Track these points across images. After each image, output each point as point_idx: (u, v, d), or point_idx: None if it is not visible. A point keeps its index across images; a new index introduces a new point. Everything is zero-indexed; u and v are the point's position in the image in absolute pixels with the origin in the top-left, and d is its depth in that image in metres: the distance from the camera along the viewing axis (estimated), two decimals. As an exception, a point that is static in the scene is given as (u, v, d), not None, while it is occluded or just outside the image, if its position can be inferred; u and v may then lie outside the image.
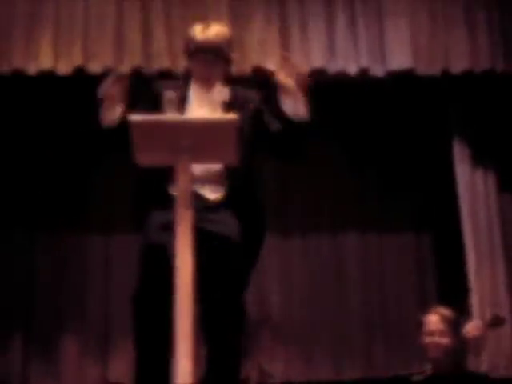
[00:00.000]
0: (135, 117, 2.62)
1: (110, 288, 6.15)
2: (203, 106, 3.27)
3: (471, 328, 4.53)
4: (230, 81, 3.37)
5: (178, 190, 2.66)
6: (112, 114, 3.11)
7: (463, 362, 4.19)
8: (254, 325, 5.90)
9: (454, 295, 5.82)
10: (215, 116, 2.98)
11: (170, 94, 2.78)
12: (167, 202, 3.01)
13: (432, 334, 4.11)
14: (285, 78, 3.17)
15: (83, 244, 6.29)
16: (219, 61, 3.30)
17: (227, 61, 3.34)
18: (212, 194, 3.18)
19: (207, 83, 3.30)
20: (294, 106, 3.18)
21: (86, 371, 6.01)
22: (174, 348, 2.50)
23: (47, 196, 6.23)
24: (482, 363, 5.25)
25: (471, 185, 5.87)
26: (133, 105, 3.12)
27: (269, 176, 6.06)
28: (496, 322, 5.24)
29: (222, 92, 3.32)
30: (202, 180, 3.14)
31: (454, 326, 4.22)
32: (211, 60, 3.27)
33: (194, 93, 3.31)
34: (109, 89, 3.09)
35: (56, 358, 6.01)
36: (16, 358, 5.94)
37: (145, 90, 3.34)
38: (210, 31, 3.27)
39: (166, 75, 5.16)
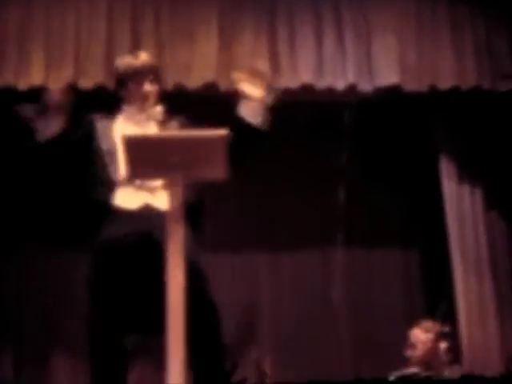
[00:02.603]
0: (128, 133, 2.65)
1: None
2: (141, 125, 3.42)
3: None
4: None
5: (168, 205, 2.69)
6: (53, 125, 3.20)
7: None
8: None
9: (442, 310, 5.86)
10: (205, 132, 3.00)
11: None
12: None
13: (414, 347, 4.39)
14: (249, 87, 3.29)
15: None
16: (157, 80, 3.53)
17: (160, 81, 3.59)
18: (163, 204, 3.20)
19: (145, 104, 3.46)
20: (253, 114, 3.29)
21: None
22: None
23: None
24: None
25: (458, 201, 5.92)
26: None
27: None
28: None
29: (157, 110, 3.46)
30: (153, 190, 3.26)
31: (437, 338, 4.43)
32: (152, 80, 3.48)
33: (129, 115, 3.47)
34: (56, 98, 3.18)
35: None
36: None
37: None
38: (145, 56, 3.55)
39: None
